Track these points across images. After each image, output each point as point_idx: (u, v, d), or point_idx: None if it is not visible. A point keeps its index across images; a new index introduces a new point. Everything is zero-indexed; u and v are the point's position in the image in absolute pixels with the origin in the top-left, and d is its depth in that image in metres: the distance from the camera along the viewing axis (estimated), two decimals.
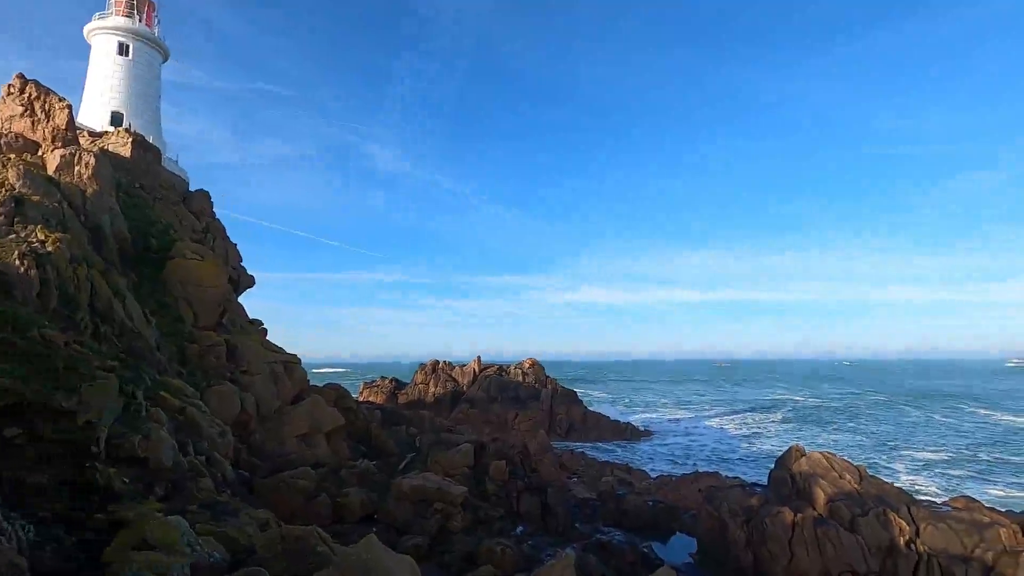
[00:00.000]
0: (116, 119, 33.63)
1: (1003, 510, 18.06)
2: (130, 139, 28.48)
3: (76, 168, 18.86)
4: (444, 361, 76.03)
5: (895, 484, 40.92)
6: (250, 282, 31.21)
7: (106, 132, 30.54)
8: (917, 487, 43.34)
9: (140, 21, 35.76)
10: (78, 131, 24.64)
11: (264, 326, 28.41)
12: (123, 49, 34.89)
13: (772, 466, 20.49)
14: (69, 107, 21.30)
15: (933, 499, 24.19)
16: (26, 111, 20.28)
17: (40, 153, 19.79)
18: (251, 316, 28.30)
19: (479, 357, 74.68)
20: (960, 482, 45.04)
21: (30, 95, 20.44)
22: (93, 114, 33.58)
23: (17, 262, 12.37)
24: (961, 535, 14.93)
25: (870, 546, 15.23)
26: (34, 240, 13.91)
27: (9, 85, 20.69)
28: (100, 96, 34.10)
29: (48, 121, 20.43)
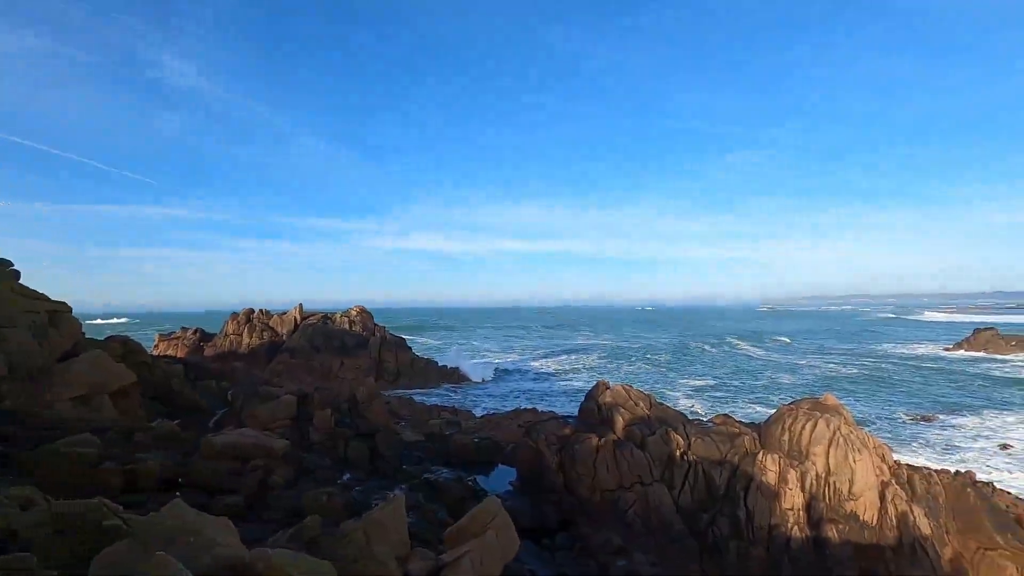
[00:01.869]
0: None
1: (747, 422, 22.80)
2: None
3: None
4: (260, 309, 69.83)
5: (676, 407, 48.91)
6: None
7: None
8: (692, 408, 52.57)
9: None
10: None
11: (15, 267, 22.83)
12: None
13: (583, 399, 22.97)
14: None
15: (702, 417, 29.41)
16: None
17: None
18: None
19: (301, 305, 70.06)
20: (720, 402, 55.71)
21: None
22: None
23: None
24: (719, 444, 18.54)
25: (655, 459, 18.15)
26: None
27: None
28: None
29: None
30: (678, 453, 18.35)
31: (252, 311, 68.60)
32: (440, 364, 70.42)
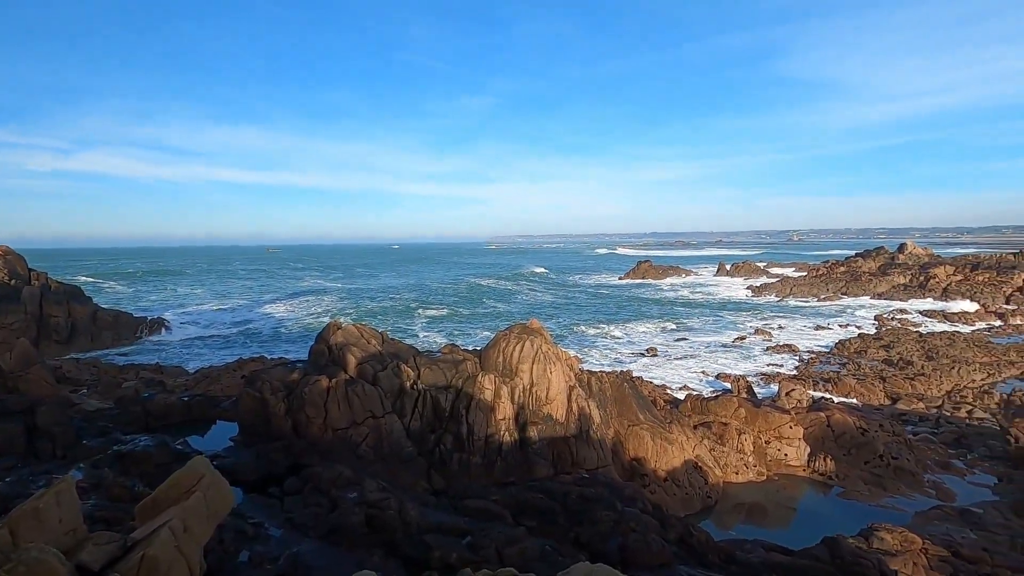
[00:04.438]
0: None
1: (473, 349, 25.23)
2: None
3: None
4: None
5: (415, 340, 50.68)
6: None
7: None
8: (430, 339, 55.65)
9: None
10: None
11: None
12: None
13: (314, 342, 22.07)
14: None
15: (432, 349, 31.36)
16: None
17: None
18: None
19: None
20: (452, 333, 60.26)
21: None
22: None
23: None
24: (445, 371, 20.14)
25: (387, 393, 18.78)
26: None
27: None
28: None
29: None
30: (408, 384, 19.31)
31: None
32: (137, 316, 58.84)
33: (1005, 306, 68.07)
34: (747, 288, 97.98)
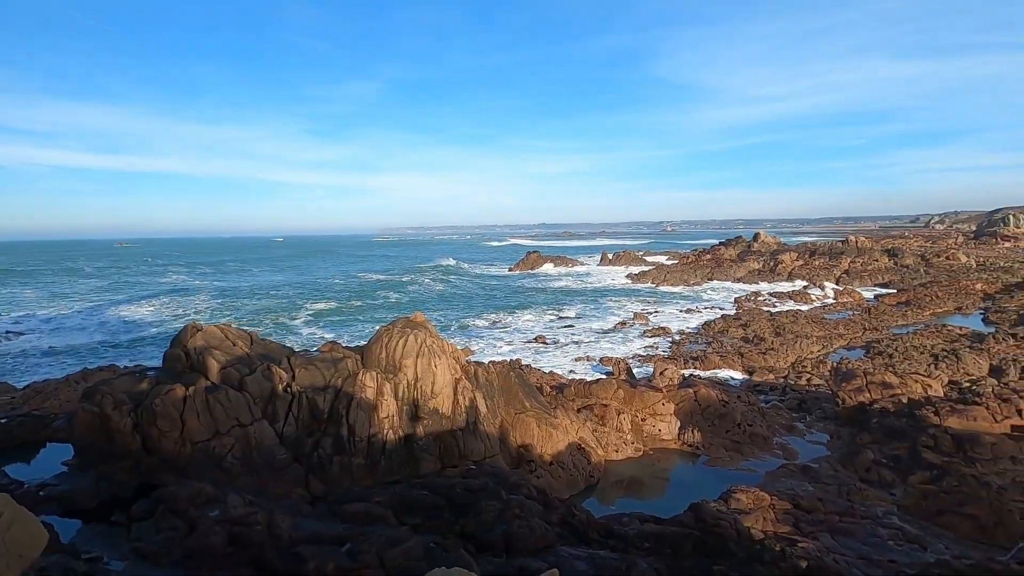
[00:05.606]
0: None
1: (357, 346, 24.08)
2: None
3: None
4: None
5: (295, 339, 47.53)
6: None
7: None
8: (315, 336, 52.59)
9: None
10: None
11: None
12: None
13: (168, 346, 19.78)
14: None
15: (311, 348, 29.54)
16: None
17: None
18: None
19: None
20: (339, 327, 57.53)
21: None
22: None
23: None
24: (323, 371, 19.03)
25: (255, 398, 17.32)
26: None
27: None
28: None
29: None
30: (281, 387, 17.98)
31: None
32: None
33: (835, 286, 78.86)
34: (627, 276, 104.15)
